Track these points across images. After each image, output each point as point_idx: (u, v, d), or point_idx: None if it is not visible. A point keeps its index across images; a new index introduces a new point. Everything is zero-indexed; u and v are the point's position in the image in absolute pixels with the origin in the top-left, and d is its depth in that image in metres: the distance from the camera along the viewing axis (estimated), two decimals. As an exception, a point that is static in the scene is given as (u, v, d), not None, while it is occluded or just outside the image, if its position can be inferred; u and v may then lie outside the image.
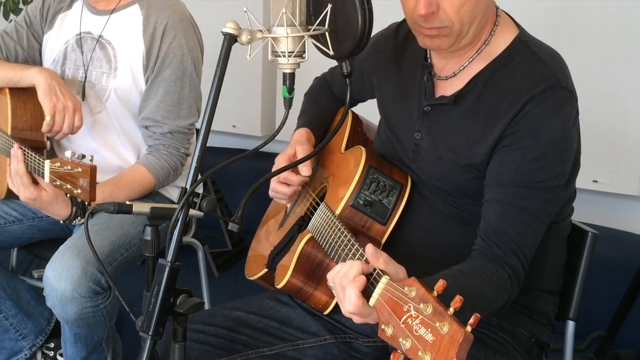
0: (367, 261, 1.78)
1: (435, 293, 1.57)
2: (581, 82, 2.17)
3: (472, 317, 1.51)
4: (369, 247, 1.78)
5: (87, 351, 2.90)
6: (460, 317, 1.54)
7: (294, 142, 2.53)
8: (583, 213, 2.59)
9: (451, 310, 1.53)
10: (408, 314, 1.58)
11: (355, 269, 1.76)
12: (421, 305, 1.56)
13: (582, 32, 3.70)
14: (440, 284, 1.58)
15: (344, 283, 1.77)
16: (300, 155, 2.46)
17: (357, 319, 1.77)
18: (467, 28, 2.11)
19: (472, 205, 2.20)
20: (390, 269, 1.75)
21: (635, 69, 3.62)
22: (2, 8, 4.61)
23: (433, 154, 2.24)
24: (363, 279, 1.75)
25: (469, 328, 1.50)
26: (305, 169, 2.46)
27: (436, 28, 2.10)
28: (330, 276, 1.84)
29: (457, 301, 1.54)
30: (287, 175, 2.47)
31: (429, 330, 1.53)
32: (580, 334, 2.57)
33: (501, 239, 2.07)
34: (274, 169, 2.46)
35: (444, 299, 1.56)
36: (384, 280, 1.69)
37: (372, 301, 1.70)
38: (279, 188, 2.49)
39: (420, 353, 1.53)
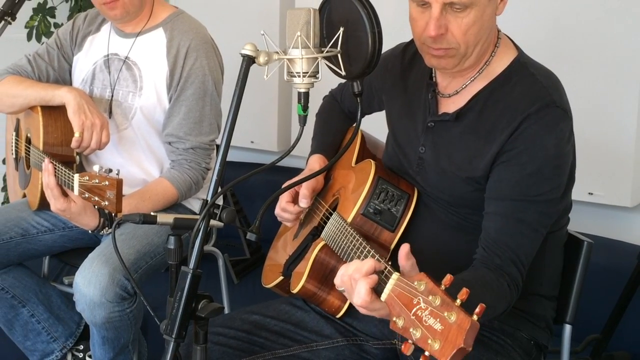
0: (378, 260, 1.79)
1: (443, 286, 1.58)
2: (577, 100, 2.17)
3: (478, 307, 1.51)
4: (405, 246, 1.77)
5: (114, 353, 2.90)
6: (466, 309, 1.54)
7: (307, 172, 2.54)
8: (579, 223, 2.59)
9: (458, 301, 1.54)
10: (418, 306, 1.59)
11: (368, 264, 1.76)
12: (430, 297, 1.57)
13: (577, 53, 3.70)
14: (447, 278, 1.58)
15: (356, 276, 1.76)
16: (307, 188, 2.47)
17: (364, 311, 1.77)
18: (471, 50, 2.12)
19: (472, 215, 2.20)
20: (412, 271, 1.75)
21: (627, 88, 3.61)
22: (34, 31, 4.64)
23: (436, 167, 2.25)
24: (375, 277, 1.74)
25: (475, 317, 1.50)
26: (304, 201, 2.46)
27: (443, 49, 2.11)
28: (339, 273, 1.83)
29: (463, 293, 1.54)
30: (285, 205, 2.50)
31: (438, 320, 1.54)
32: (577, 336, 2.55)
33: (501, 249, 2.07)
34: (281, 196, 2.52)
35: (451, 292, 1.56)
36: (395, 276, 1.69)
37: (383, 296, 1.70)
38: (282, 215, 2.53)
39: (429, 341, 1.53)
